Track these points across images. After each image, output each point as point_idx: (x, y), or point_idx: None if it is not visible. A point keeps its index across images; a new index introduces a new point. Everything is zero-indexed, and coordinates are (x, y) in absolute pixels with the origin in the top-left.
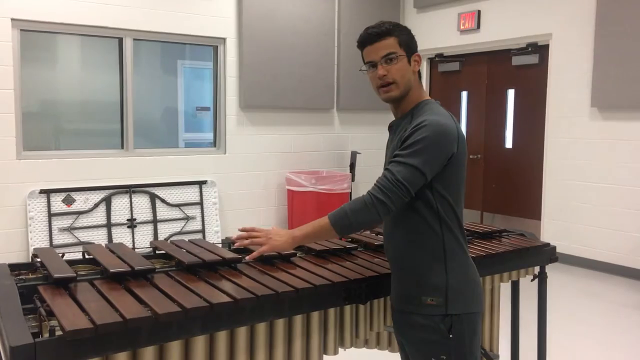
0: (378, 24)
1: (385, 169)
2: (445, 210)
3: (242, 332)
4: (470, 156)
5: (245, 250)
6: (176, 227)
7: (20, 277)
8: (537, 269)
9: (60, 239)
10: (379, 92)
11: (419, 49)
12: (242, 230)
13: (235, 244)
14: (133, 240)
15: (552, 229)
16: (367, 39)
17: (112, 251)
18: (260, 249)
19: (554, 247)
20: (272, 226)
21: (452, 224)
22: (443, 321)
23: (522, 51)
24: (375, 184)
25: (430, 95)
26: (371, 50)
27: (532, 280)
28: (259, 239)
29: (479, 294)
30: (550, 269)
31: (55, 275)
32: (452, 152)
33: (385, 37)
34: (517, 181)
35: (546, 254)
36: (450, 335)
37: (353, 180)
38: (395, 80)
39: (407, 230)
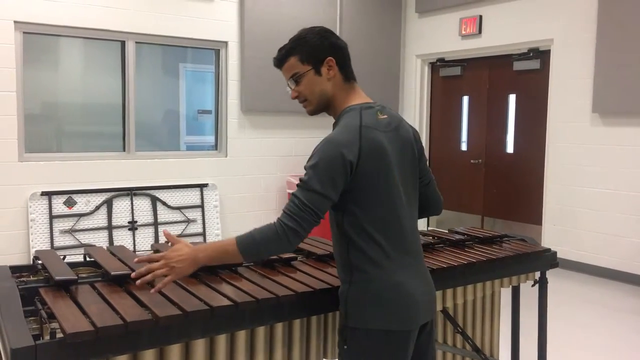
0: (279, 48)
1: (292, 193)
2: (353, 227)
3: (241, 336)
4: (471, 161)
5: None
6: (177, 229)
7: (22, 279)
8: (537, 274)
9: (61, 241)
10: None
11: (420, 53)
12: (139, 261)
13: (137, 282)
14: (134, 243)
15: (553, 235)
16: (275, 65)
17: (113, 254)
18: (166, 280)
19: (555, 253)
20: (167, 240)
21: (360, 242)
22: (342, 330)
23: (523, 56)
24: (283, 211)
25: (431, 101)
26: (282, 73)
27: (532, 285)
28: (161, 270)
29: (390, 313)
30: (550, 275)
31: (57, 278)
32: (350, 165)
33: (285, 60)
34: (518, 186)
35: (547, 260)
36: (345, 347)
37: None
38: (306, 97)
39: (333, 236)
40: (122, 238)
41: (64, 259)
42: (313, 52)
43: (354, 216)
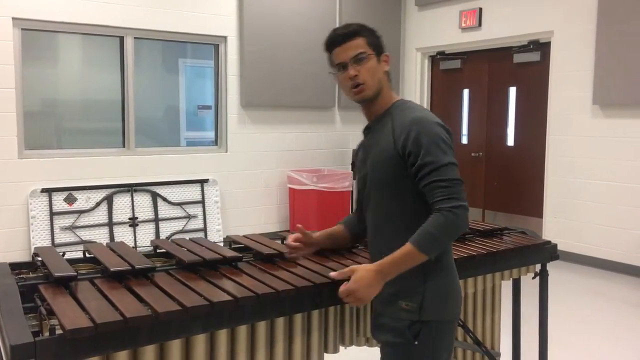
0: (345, 25)
1: (431, 181)
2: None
3: (242, 331)
4: (472, 154)
5: (246, 249)
6: (178, 225)
7: (21, 276)
8: (538, 267)
9: (62, 237)
10: (350, 94)
11: (420, 46)
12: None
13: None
14: (135, 239)
15: (553, 227)
16: (336, 39)
17: (112, 250)
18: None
19: (555, 245)
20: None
21: None
22: (411, 326)
23: (523, 49)
24: (437, 200)
25: (431, 94)
26: (340, 51)
27: (533, 278)
28: (350, 300)
29: (456, 303)
30: (551, 267)
31: (56, 274)
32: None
33: (353, 37)
34: (519, 179)
35: (547, 252)
36: (416, 342)
37: (354, 178)
38: (366, 80)
39: (394, 228)
40: (123, 234)
41: (63, 255)
42: (378, 41)
43: None
